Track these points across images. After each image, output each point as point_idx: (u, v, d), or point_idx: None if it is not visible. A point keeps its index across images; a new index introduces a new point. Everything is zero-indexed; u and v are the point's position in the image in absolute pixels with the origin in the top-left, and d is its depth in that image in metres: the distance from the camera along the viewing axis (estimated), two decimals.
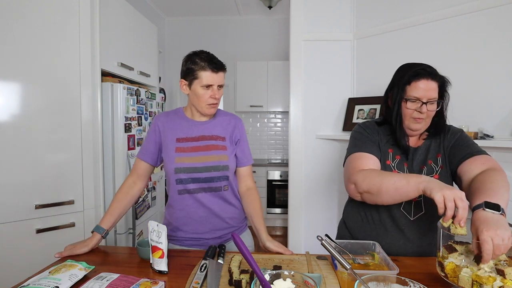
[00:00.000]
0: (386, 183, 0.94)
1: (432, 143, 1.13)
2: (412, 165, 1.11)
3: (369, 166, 1.05)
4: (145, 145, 1.25)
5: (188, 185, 1.19)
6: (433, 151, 1.12)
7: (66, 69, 1.73)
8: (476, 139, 1.67)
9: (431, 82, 1.03)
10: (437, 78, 1.05)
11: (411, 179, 0.90)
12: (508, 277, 0.72)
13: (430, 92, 1.03)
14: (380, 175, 0.98)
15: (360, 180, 1.01)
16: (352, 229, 1.22)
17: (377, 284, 0.71)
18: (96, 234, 1.13)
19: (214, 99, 1.17)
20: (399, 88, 1.07)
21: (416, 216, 1.09)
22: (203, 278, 0.89)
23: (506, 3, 1.65)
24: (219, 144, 1.22)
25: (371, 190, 0.98)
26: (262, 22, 4.42)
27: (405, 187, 0.90)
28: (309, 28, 2.44)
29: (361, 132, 1.17)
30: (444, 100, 1.09)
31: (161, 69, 3.99)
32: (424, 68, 1.05)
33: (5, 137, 1.56)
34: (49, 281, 0.82)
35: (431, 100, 1.03)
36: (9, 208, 1.58)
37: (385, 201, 0.98)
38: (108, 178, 2.07)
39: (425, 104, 1.03)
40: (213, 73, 1.13)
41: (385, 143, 1.14)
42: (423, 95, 1.03)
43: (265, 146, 4.64)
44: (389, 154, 1.12)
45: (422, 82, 1.03)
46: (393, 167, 1.11)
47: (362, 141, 1.13)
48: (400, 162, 1.11)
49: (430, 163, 1.10)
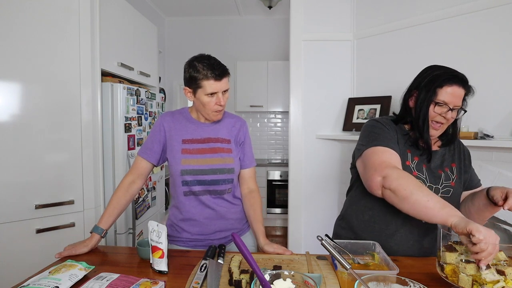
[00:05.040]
0: (419, 195, 0.88)
1: (447, 152, 1.14)
2: (430, 167, 1.10)
3: (396, 163, 1.00)
4: (148, 144, 1.24)
5: (193, 187, 1.19)
6: (448, 159, 1.13)
7: (66, 69, 1.73)
8: (476, 139, 1.67)
9: (461, 90, 1.02)
10: (466, 87, 1.03)
11: (446, 207, 0.85)
12: (509, 277, 0.72)
13: (458, 99, 1.02)
14: (417, 184, 0.92)
15: (394, 176, 0.94)
16: (357, 228, 1.17)
17: (377, 284, 0.71)
18: (94, 235, 1.13)
19: (219, 105, 1.16)
20: (430, 90, 1.03)
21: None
22: (203, 278, 0.89)
23: (506, 3, 1.65)
24: (224, 147, 1.23)
25: (399, 191, 0.92)
26: (262, 22, 4.41)
27: (435, 211, 0.85)
28: (309, 28, 2.44)
29: (381, 128, 1.10)
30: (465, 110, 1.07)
31: (161, 69, 3.99)
32: (457, 75, 1.03)
33: (5, 137, 1.56)
34: (49, 281, 0.82)
35: (456, 107, 1.02)
36: (9, 208, 1.58)
37: (404, 209, 0.93)
38: (108, 178, 2.07)
39: (451, 110, 1.02)
40: (217, 81, 1.12)
41: (403, 143, 1.10)
42: (451, 101, 1.01)
43: (265, 146, 4.64)
44: (408, 155, 1.09)
45: (454, 88, 1.01)
46: (413, 168, 1.07)
47: (384, 136, 1.07)
48: (419, 164, 1.09)
49: (446, 170, 1.10)
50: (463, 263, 0.78)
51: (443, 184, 1.08)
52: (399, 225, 1.09)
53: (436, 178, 1.08)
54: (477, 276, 0.74)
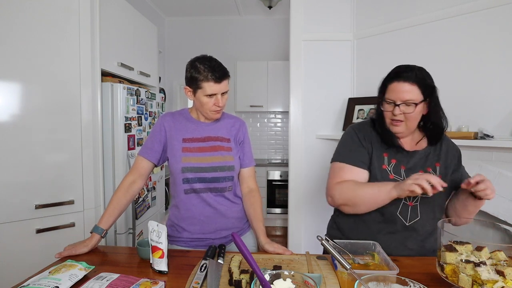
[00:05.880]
0: (360, 194, 1.05)
1: (432, 152, 1.13)
2: (409, 168, 1.10)
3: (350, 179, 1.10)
4: (149, 144, 1.25)
5: (194, 185, 1.20)
6: (433, 159, 1.12)
7: (66, 69, 1.73)
8: (476, 139, 1.67)
9: (404, 84, 1.03)
10: (411, 80, 1.03)
11: (382, 187, 1.01)
12: (508, 278, 0.72)
13: (403, 94, 1.03)
14: (354, 187, 1.06)
15: (336, 194, 1.10)
16: (344, 230, 1.20)
17: (377, 284, 0.71)
18: (95, 235, 1.13)
19: (217, 106, 1.18)
20: (381, 90, 1.11)
21: (412, 221, 1.08)
22: (203, 278, 0.89)
23: (506, 3, 1.65)
24: (224, 145, 1.24)
25: (347, 202, 1.08)
26: (262, 22, 4.41)
27: (377, 195, 1.02)
28: (309, 28, 2.44)
29: (352, 137, 1.17)
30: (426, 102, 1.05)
31: (161, 69, 3.99)
32: (397, 71, 1.07)
33: (5, 137, 1.56)
34: (49, 281, 0.82)
35: (405, 102, 1.03)
36: (9, 208, 1.58)
37: (362, 211, 1.07)
38: (108, 178, 2.07)
39: (398, 106, 1.04)
40: (216, 84, 1.14)
41: (378, 147, 1.13)
42: (396, 97, 1.04)
43: (265, 146, 4.64)
44: (384, 159, 1.11)
45: (395, 84, 1.05)
46: (389, 171, 1.09)
47: (349, 149, 1.15)
48: (396, 166, 1.10)
49: (429, 170, 1.10)
50: (463, 263, 0.78)
51: None
52: (381, 227, 1.10)
53: None
54: (477, 276, 0.74)
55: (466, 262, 0.78)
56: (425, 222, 1.09)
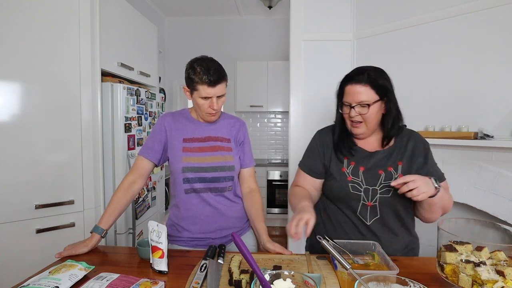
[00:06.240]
0: (291, 204, 1.17)
1: (396, 150, 1.12)
2: (368, 168, 1.11)
3: (302, 184, 1.21)
4: (149, 143, 1.25)
5: (195, 184, 1.20)
6: (395, 158, 1.11)
7: (66, 69, 1.73)
8: (476, 139, 1.67)
9: (357, 86, 1.05)
10: (364, 82, 1.04)
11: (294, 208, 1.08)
12: (508, 278, 0.72)
13: (357, 95, 1.05)
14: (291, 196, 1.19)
15: (289, 195, 1.24)
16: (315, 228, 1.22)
17: (377, 284, 0.71)
18: (95, 235, 1.13)
19: (212, 109, 1.18)
20: (338, 95, 1.14)
21: (372, 220, 1.10)
22: (203, 278, 0.89)
23: (506, 3, 1.65)
24: (224, 146, 1.25)
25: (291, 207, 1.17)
26: (262, 22, 4.41)
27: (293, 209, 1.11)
28: (309, 28, 2.43)
29: (312, 143, 1.25)
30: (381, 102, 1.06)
31: (161, 69, 3.99)
32: (351, 74, 1.08)
33: (5, 137, 1.56)
34: (49, 281, 0.82)
35: (360, 103, 1.05)
36: (9, 208, 1.58)
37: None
38: (108, 178, 2.07)
39: (353, 108, 1.06)
40: (210, 87, 1.13)
41: (342, 151, 1.16)
42: (351, 99, 1.06)
43: (265, 146, 4.64)
44: (344, 161, 1.14)
45: (349, 87, 1.07)
46: (347, 173, 1.12)
47: (308, 155, 1.24)
48: (355, 168, 1.12)
49: (389, 170, 1.10)
50: (463, 263, 0.78)
51: (381, 185, 1.08)
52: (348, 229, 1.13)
53: (375, 179, 1.09)
54: (477, 276, 0.74)
55: (466, 262, 0.78)
56: (386, 221, 1.10)
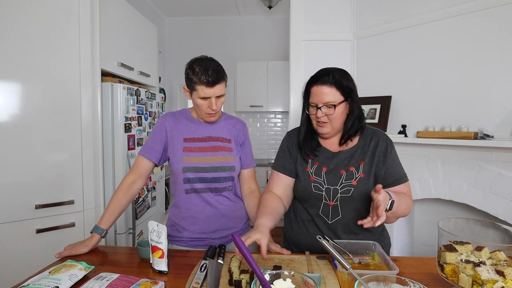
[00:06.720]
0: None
1: (359, 150, 1.13)
2: (331, 170, 1.12)
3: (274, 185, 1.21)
4: (149, 143, 1.25)
5: (195, 184, 1.20)
6: (358, 157, 1.12)
7: (66, 69, 1.73)
8: (476, 139, 1.67)
9: (322, 87, 1.06)
10: (329, 83, 1.06)
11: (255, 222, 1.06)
12: (508, 278, 0.72)
13: (323, 96, 1.06)
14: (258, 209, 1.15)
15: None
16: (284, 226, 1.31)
17: (377, 284, 0.71)
18: (95, 235, 1.13)
19: (211, 109, 1.18)
20: (304, 96, 1.14)
21: (333, 220, 1.12)
22: (203, 278, 0.89)
23: (506, 3, 1.65)
24: (225, 146, 1.25)
25: None
26: (262, 22, 4.41)
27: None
28: (309, 28, 2.44)
29: (282, 145, 1.25)
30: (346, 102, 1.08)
31: (161, 69, 3.99)
32: (317, 75, 1.09)
33: (5, 137, 1.56)
34: (49, 281, 0.82)
35: (326, 104, 1.06)
36: (9, 208, 1.58)
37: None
38: (108, 178, 2.07)
39: (319, 108, 1.07)
40: (209, 88, 1.13)
41: (306, 151, 1.17)
42: (317, 100, 1.07)
43: (265, 146, 4.64)
44: (309, 162, 1.16)
45: (315, 88, 1.08)
46: (311, 173, 1.14)
47: (280, 156, 1.24)
48: (318, 168, 1.14)
49: (351, 169, 1.11)
50: (463, 263, 0.78)
51: (342, 184, 1.09)
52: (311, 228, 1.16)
53: (336, 179, 1.10)
54: (477, 276, 0.74)
55: (466, 262, 0.78)
56: (347, 221, 1.11)
